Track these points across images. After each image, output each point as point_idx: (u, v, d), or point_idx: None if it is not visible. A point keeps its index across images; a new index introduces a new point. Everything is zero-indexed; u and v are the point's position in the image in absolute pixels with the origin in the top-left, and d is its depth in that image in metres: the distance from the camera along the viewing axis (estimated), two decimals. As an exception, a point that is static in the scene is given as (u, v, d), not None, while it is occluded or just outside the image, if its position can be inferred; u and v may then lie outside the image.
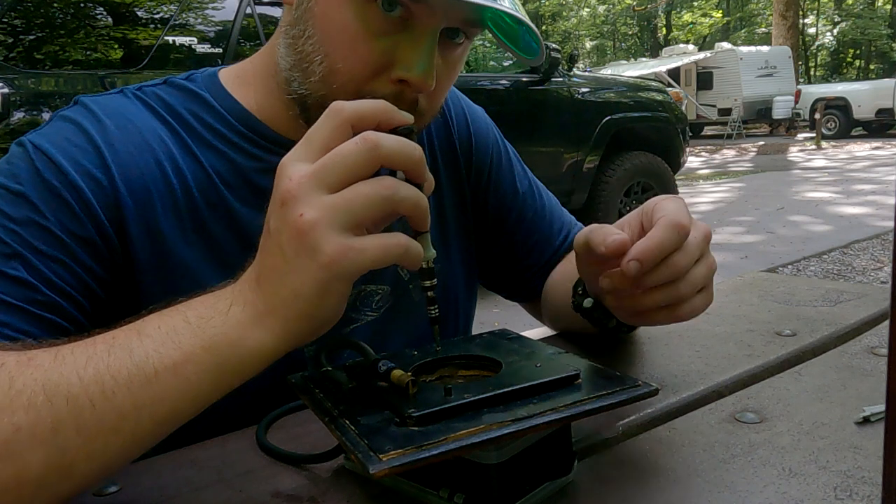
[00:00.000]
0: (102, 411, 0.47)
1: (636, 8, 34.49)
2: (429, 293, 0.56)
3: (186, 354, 0.48)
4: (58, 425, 0.46)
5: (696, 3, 35.53)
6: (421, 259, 0.52)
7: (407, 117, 0.52)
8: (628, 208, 5.28)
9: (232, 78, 0.78)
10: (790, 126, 19.76)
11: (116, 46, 3.33)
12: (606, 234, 0.60)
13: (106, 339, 0.50)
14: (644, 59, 28.25)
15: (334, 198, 0.47)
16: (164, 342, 0.49)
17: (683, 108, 7.23)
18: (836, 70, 34.96)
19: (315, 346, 0.76)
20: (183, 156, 0.71)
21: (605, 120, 5.00)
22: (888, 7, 30.60)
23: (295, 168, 0.49)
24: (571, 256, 0.92)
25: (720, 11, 36.10)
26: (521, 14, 0.65)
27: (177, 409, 0.49)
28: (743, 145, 16.90)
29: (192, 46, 3.43)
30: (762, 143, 17.24)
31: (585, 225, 0.98)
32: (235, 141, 0.74)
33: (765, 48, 21.18)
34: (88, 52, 3.25)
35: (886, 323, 0.67)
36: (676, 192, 5.56)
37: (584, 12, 36.84)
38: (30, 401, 0.46)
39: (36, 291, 0.59)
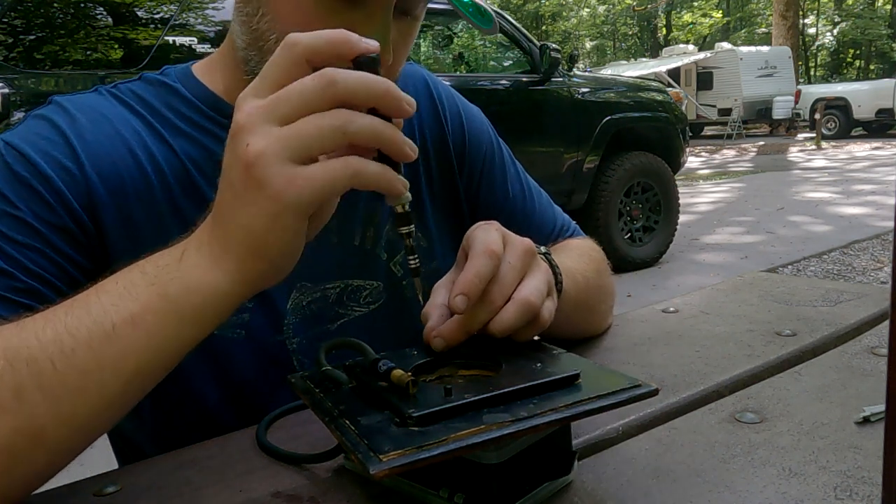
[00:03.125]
0: (64, 371, 0.46)
1: (636, 8, 34.50)
2: (407, 241, 0.54)
3: (143, 305, 0.48)
4: (20, 389, 0.46)
5: (696, 4, 35.53)
6: (384, 181, 0.48)
7: (371, 44, 0.48)
8: (628, 208, 5.29)
9: (203, 67, 0.79)
10: (790, 126, 19.76)
11: (116, 46, 3.33)
12: (427, 331, 0.58)
13: (66, 303, 0.50)
14: (644, 59, 28.26)
15: (283, 129, 0.46)
16: (122, 295, 0.48)
17: (683, 108, 7.23)
18: (836, 70, 34.96)
19: (299, 338, 0.76)
20: (157, 145, 0.72)
21: (605, 120, 5.00)
22: (888, 7, 30.60)
23: (247, 102, 0.48)
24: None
25: (720, 11, 36.10)
26: None
27: (141, 363, 0.48)
28: (743, 145, 16.90)
29: (192, 46, 3.44)
30: (762, 143, 17.24)
31: (585, 226, 0.98)
32: (207, 126, 0.74)
33: (765, 48, 21.19)
34: (88, 52, 3.26)
35: (886, 323, 0.67)
36: (676, 193, 5.56)
37: (584, 12, 36.84)
38: None
39: (14, 279, 0.60)
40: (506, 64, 5.29)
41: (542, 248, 0.69)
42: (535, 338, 0.60)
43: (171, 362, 0.50)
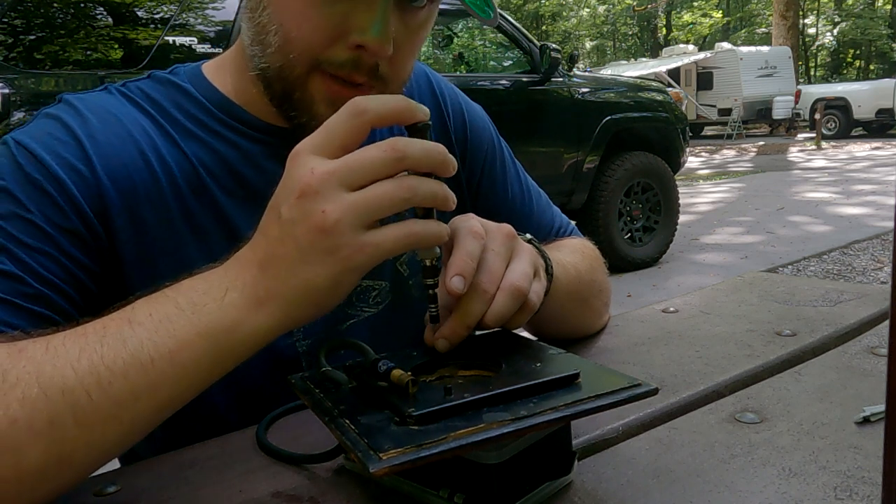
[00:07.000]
0: (99, 402, 0.47)
1: (636, 8, 34.48)
2: (430, 291, 0.57)
3: (181, 342, 0.49)
4: (55, 418, 0.46)
5: (696, 4, 35.53)
6: (435, 238, 0.53)
7: (424, 112, 0.52)
8: (628, 208, 5.29)
9: (213, 68, 0.78)
10: (790, 126, 19.76)
11: (116, 46, 3.33)
12: (427, 334, 0.59)
13: (97, 328, 0.50)
14: (644, 59, 28.24)
15: (356, 197, 0.48)
16: (158, 330, 0.49)
17: (683, 108, 7.23)
18: (836, 70, 34.97)
19: (309, 341, 0.76)
20: (167, 146, 0.71)
21: (605, 120, 5.00)
22: (888, 7, 30.60)
23: (315, 162, 0.49)
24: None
25: (720, 12, 36.10)
26: None
27: (174, 394, 0.50)
28: (743, 145, 16.90)
29: (192, 46, 3.44)
30: (762, 143, 17.24)
31: (585, 226, 0.98)
32: (216, 129, 0.74)
33: (765, 48, 21.18)
34: (88, 52, 3.25)
35: (886, 323, 0.67)
36: (676, 193, 5.56)
37: (584, 12, 36.83)
38: (24, 394, 0.46)
39: (24, 284, 0.59)
40: (506, 64, 5.29)
41: (528, 235, 0.69)
42: (534, 337, 0.60)
43: (201, 389, 0.52)
